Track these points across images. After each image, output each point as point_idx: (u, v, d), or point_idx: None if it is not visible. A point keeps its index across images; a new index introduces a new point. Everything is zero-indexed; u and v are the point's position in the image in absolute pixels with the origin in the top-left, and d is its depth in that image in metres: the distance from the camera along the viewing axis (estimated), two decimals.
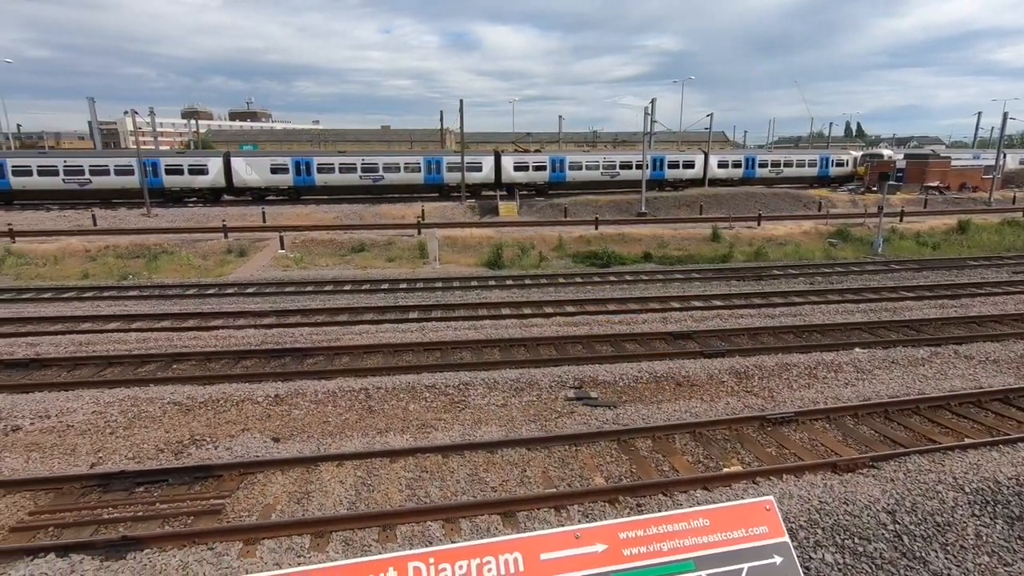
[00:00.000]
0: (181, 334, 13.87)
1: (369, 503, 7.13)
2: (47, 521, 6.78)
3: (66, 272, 22.44)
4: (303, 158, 39.25)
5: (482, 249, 25.84)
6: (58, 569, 5.84)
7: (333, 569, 1.66)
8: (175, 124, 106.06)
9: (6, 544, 6.37)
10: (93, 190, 36.61)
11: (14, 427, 9.11)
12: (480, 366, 11.52)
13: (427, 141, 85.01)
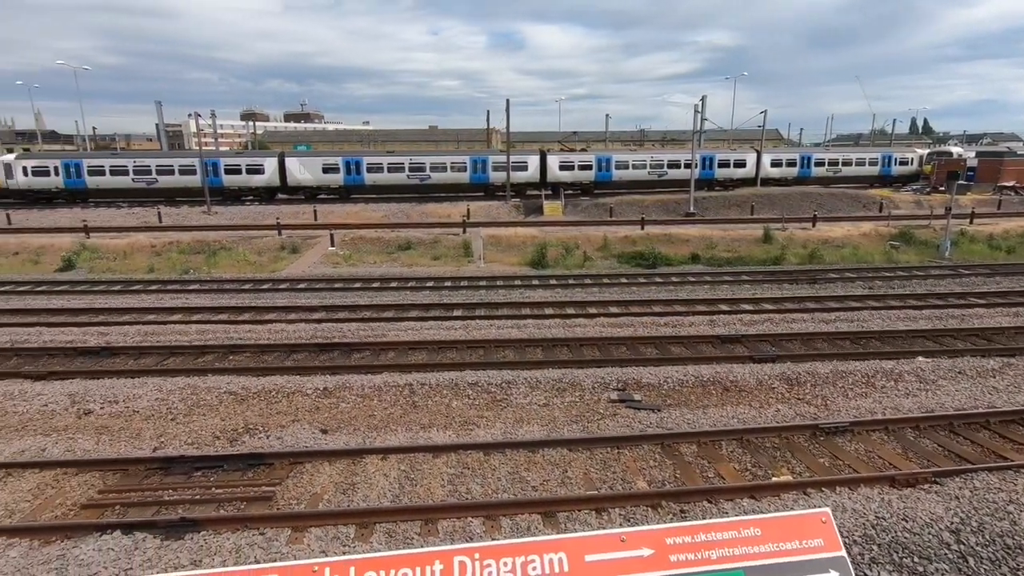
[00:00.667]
0: (237, 327, 14.47)
1: (412, 497, 7.25)
2: (114, 500, 7.20)
3: (134, 266, 23.78)
4: (353, 158, 40.25)
5: (526, 248, 25.86)
6: (123, 546, 6.20)
7: (381, 559, 1.69)
8: (234, 126, 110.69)
9: (78, 520, 6.81)
10: (159, 189, 38.65)
11: (86, 411, 9.72)
12: (523, 365, 11.54)
13: (473, 141, 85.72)
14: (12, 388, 10.41)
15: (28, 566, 5.90)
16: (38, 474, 7.68)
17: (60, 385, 10.59)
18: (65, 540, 6.37)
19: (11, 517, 6.87)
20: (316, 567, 1.68)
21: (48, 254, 25.17)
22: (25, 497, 7.26)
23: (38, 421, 9.40)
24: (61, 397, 10.04)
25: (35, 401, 9.95)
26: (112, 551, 6.11)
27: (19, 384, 10.67)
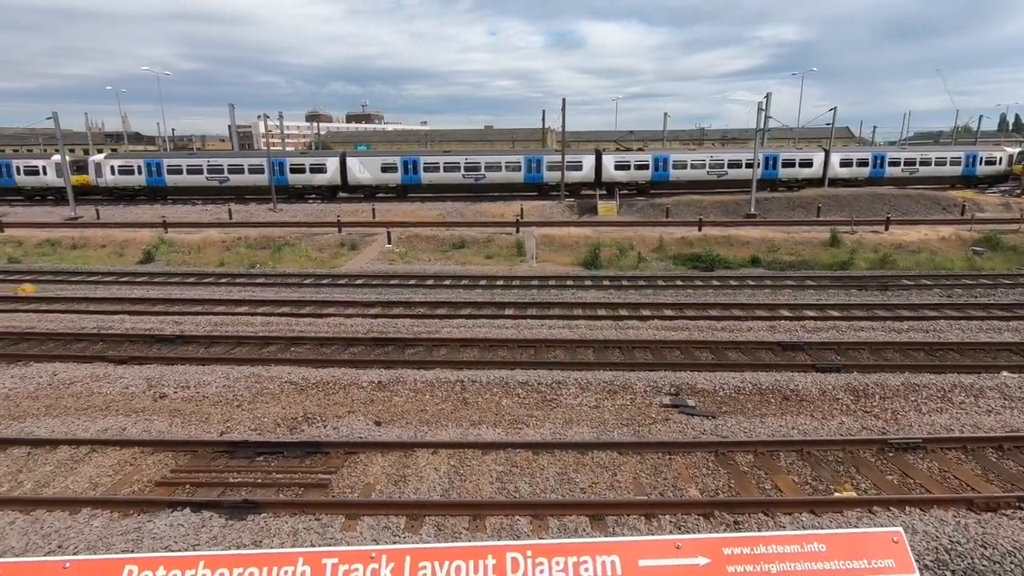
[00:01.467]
0: (299, 320, 15.08)
1: (461, 492, 7.34)
2: (184, 479, 7.66)
3: (206, 260, 25.20)
4: (411, 157, 41.12)
5: (579, 248, 25.67)
6: (192, 523, 6.58)
7: (435, 550, 1.72)
8: (299, 127, 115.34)
9: (152, 496, 7.28)
10: (230, 187, 40.75)
11: (161, 394, 10.38)
12: (573, 366, 11.46)
13: (528, 140, 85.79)
14: (98, 371, 11.24)
15: (108, 536, 6.36)
16: (119, 451, 8.26)
17: (139, 369, 11.35)
18: (141, 514, 6.83)
19: (95, 490, 7.43)
20: (374, 554, 1.72)
21: (131, 247, 27.05)
22: (107, 472, 7.82)
23: (119, 402, 10.11)
24: (140, 381, 10.76)
25: (117, 383, 10.71)
26: (182, 527, 6.50)
27: (104, 367, 11.51)
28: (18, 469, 7.89)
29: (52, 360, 11.94)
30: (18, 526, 6.61)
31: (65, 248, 27.46)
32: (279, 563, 1.75)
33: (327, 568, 1.72)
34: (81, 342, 13.12)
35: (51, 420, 9.30)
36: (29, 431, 8.81)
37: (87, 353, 12.41)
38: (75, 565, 1.77)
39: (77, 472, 7.81)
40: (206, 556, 1.73)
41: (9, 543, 6.27)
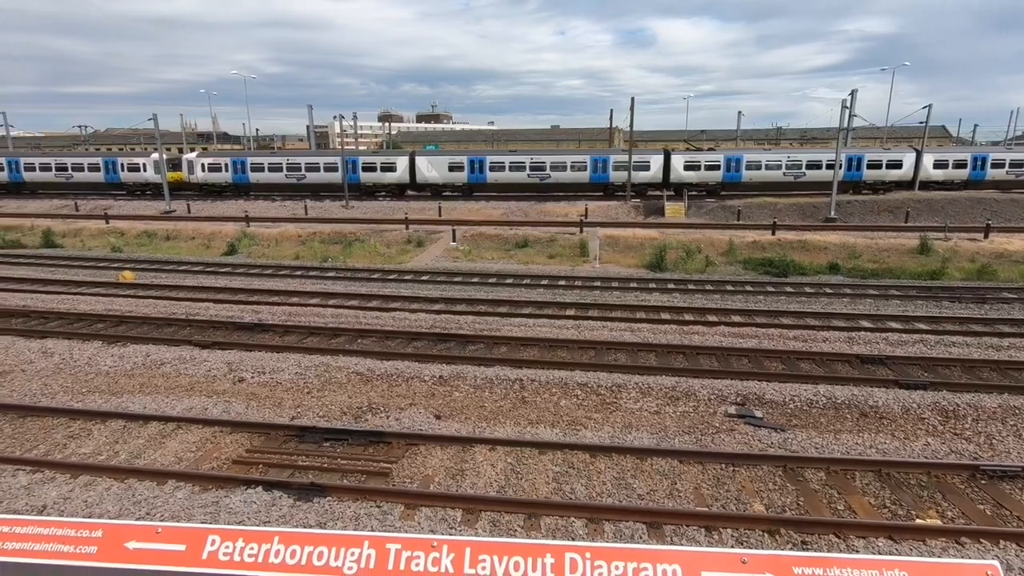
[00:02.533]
0: (366, 313, 15.64)
1: (517, 490, 7.38)
2: (258, 459, 8.12)
3: (283, 253, 26.59)
4: (477, 157, 41.67)
5: (644, 250, 25.17)
6: (264, 501, 6.97)
7: (495, 544, 1.74)
8: (372, 127, 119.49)
9: (229, 473, 7.76)
10: (307, 184, 42.78)
11: (240, 378, 11.05)
12: (634, 369, 11.26)
13: (595, 140, 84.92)
14: (184, 354, 12.12)
15: (190, 507, 6.85)
16: (201, 429, 8.87)
17: (221, 354, 12.14)
18: (219, 489, 7.31)
19: (179, 464, 8.01)
20: (435, 543, 1.76)
21: (217, 240, 28.96)
22: (190, 448, 8.42)
23: (203, 384, 10.85)
24: (221, 365, 11.51)
25: (201, 366, 11.50)
26: (255, 504, 6.91)
27: (190, 351, 12.39)
28: (115, 440, 8.63)
29: (146, 342, 12.97)
30: (113, 492, 7.24)
31: (160, 239, 29.76)
32: (346, 544, 1.83)
33: (391, 553, 1.78)
34: (171, 326, 14.18)
35: (144, 397, 10.11)
36: (125, 406, 9.62)
37: (176, 337, 13.39)
38: (166, 530, 1.92)
39: (165, 446, 8.45)
40: (280, 532, 1.83)
41: (105, 507, 6.87)
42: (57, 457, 8.11)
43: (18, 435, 8.82)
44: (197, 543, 1.85)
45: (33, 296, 17.37)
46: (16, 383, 10.80)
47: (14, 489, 7.27)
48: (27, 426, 9.07)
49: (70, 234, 30.74)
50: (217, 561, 1.79)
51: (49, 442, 8.60)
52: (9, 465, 7.82)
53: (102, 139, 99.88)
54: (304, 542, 1.78)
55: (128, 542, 1.86)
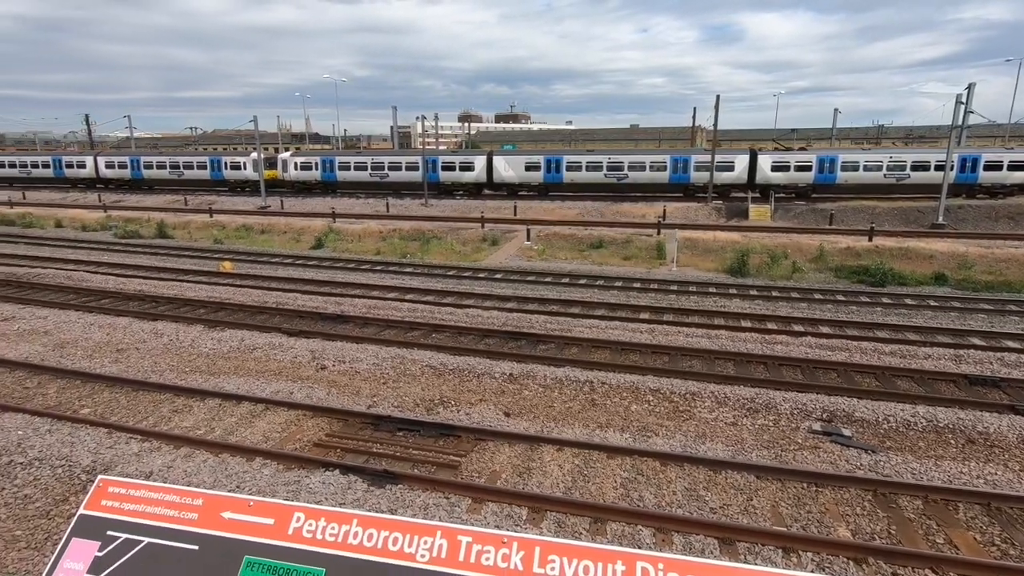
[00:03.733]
0: (440, 308, 16.05)
1: (583, 492, 7.31)
2: (336, 444, 8.54)
3: (365, 248, 27.80)
4: (554, 156, 41.62)
5: (725, 254, 24.16)
6: (340, 484, 7.33)
7: (565, 546, 1.73)
8: (452, 127, 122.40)
9: (310, 455, 8.22)
10: (389, 182, 44.48)
11: (322, 366, 11.67)
12: (710, 378, 10.84)
13: (676, 139, 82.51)
14: (274, 340, 12.95)
15: (274, 484, 7.31)
16: (286, 412, 9.45)
17: (306, 342, 12.87)
18: (300, 469, 7.75)
19: (266, 443, 8.57)
20: (505, 539, 1.78)
21: (305, 234, 30.72)
22: (276, 429, 8.99)
23: (289, 369, 11.55)
24: (305, 352, 12.20)
25: (288, 353, 12.25)
26: (332, 486, 7.27)
27: (279, 338, 13.22)
28: (212, 417, 9.37)
29: (241, 328, 13.97)
30: (209, 464, 7.86)
31: (256, 233, 31.97)
32: (420, 532, 1.88)
33: (462, 545, 1.81)
34: (263, 314, 15.20)
35: (238, 379, 10.90)
36: (221, 386, 10.41)
37: (267, 324, 14.34)
38: (257, 504, 2.07)
39: (254, 426, 9.08)
40: (359, 515, 1.92)
41: (202, 477, 7.48)
42: (163, 429, 8.91)
43: (132, 406, 9.79)
44: (284, 518, 1.98)
45: (147, 282, 19.18)
46: (132, 359, 11.98)
47: (127, 455, 8.06)
48: (139, 399, 10.04)
49: (179, 226, 33.67)
50: (301, 537, 1.90)
51: (156, 415, 9.47)
52: (124, 433, 8.68)
53: (209, 139, 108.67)
54: (380, 527, 1.86)
55: (224, 512, 2.02)
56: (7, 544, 6.60)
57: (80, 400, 10.04)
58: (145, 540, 2.05)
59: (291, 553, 1.93)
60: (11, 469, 7.76)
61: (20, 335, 13.62)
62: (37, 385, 10.66)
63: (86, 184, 52.84)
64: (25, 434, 8.53)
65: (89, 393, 10.30)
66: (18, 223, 36.49)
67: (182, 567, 2.00)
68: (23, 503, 7.21)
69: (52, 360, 11.71)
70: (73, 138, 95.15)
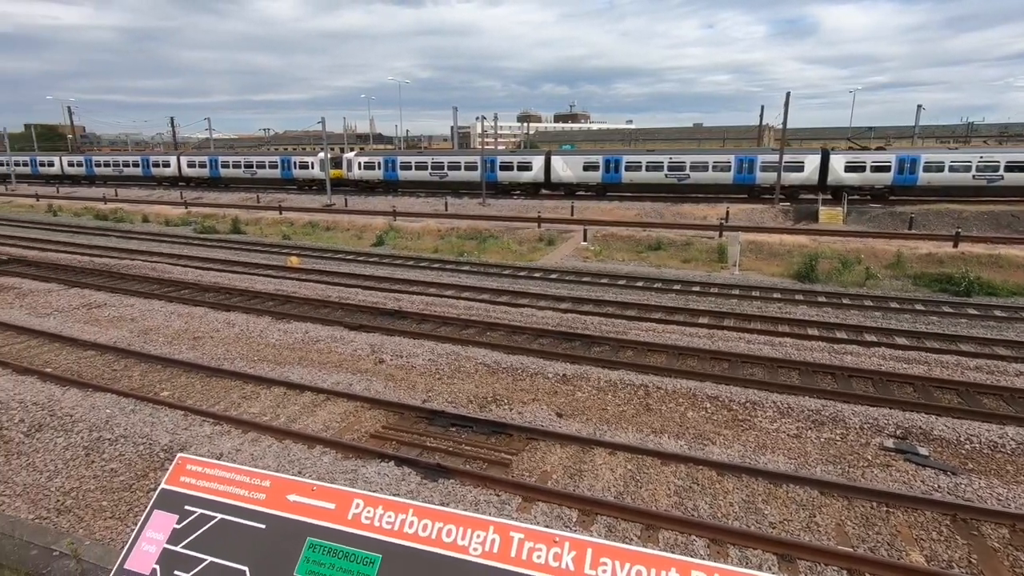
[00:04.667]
0: (495, 307, 16.18)
1: (635, 498, 7.20)
2: (392, 436, 8.78)
3: (423, 246, 28.39)
4: (613, 156, 41.09)
5: (791, 258, 23.12)
6: (394, 475, 7.53)
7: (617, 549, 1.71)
8: (511, 127, 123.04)
9: (367, 445, 8.49)
10: (448, 182, 45.26)
11: (380, 360, 12.01)
12: (773, 387, 10.41)
13: (741, 139, 79.72)
14: (336, 334, 13.44)
15: (333, 472, 7.60)
16: (346, 403, 9.79)
17: (366, 336, 13.29)
18: (357, 459, 8.02)
19: (326, 431, 8.92)
20: (557, 538, 1.78)
21: (367, 232, 31.71)
22: (336, 418, 9.34)
23: (349, 362, 11.97)
24: (365, 346, 12.60)
25: (349, 346, 12.69)
26: (387, 476, 7.48)
27: (340, 331, 13.72)
28: (276, 405, 9.84)
29: (305, 320, 14.59)
30: (273, 450, 8.26)
31: (321, 230, 33.27)
32: (473, 526, 1.91)
33: (514, 541, 1.83)
34: (327, 308, 15.81)
35: (301, 369, 11.39)
36: (286, 375, 10.92)
37: (330, 318, 14.90)
38: (320, 489, 2.16)
39: (315, 415, 9.46)
40: (414, 505, 1.98)
41: (267, 462, 7.87)
42: (233, 414, 9.44)
43: (206, 391, 10.42)
44: (344, 504, 2.07)
45: (222, 275, 20.35)
46: (206, 347, 12.75)
47: (200, 437, 8.59)
48: (212, 384, 10.67)
49: (252, 223, 35.51)
50: (359, 523, 1.97)
51: (227, 400, 10.03)
52: (199, 416, 9.26)
53: (280, 140, 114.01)
54: (435, 518, 1.90)
55: (289, 494, 2.13)
56: (95, 513, 7.18)
57: (160, 383, 10.78)
58: (218, 516, 2.19)
59: (350, 538, 2.01)
60: (100, 444, 8.43)
61: (110, 321, 14.77)
62: (124, 368, 11.53)
63: (170, 182, 56.64)
64: (112, 413, 9.24)
65: (168, 377, 11.05)
66: (111, 218, 39.54)
67: (251, 544, 2.12)
68: (109, 476, 7.82)
69: (137, 345, 12.63)
70: (160, 139, 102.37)
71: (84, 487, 7.63)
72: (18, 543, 6.06)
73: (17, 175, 62.51)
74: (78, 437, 8.63)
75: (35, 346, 12.72)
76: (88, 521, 7.04)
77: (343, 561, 1.99)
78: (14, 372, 11.05)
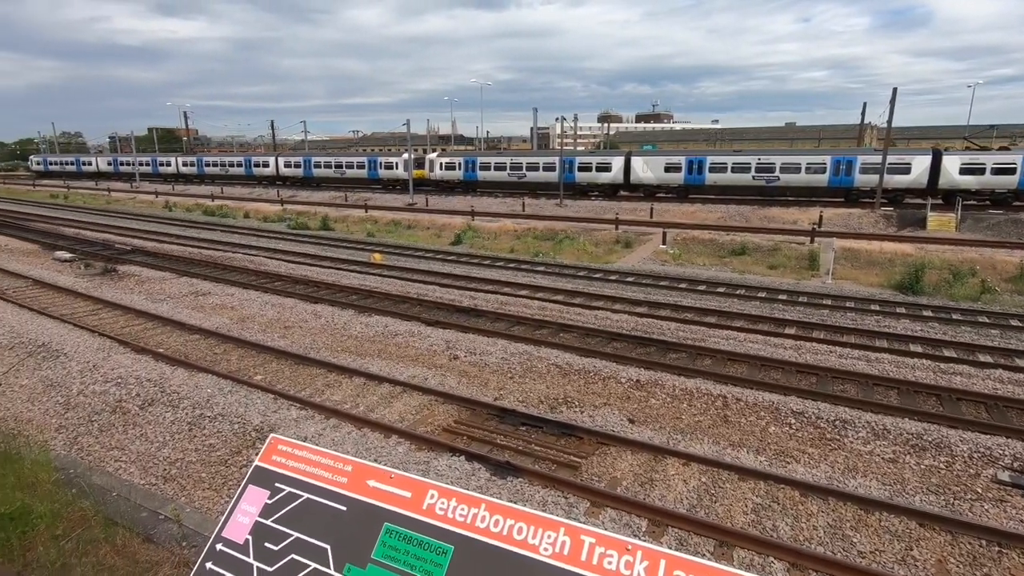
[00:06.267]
0: (569, 308, 16.10)
1: (709, 512, 6.93)
2: (463, 431, 8.96)
3: (499, 246, 28.74)
4: (696, 157, 39.71)
5: (893, 267, 21.36)
6: (465, 470, 7.68)
7: (694, 563, 1.66)
8: (591, 127, 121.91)
9: (439, 439, 8.71)
10: (527, 182, 45.57)
11: (454, 356, 12.29)
12: (867, 405, 9.66)
13: (838, 139, 74.57)
14: (414, 329, 13.90)
15: (406, 462, 7.87)
16: (420, 396, 10.10)
17: (441, 332, 13.64)
18: (430, 451, 8.25)
19: (402, 423, 9.24)
20: (630, 546, 1.75)
21: (446, 231, 32.53)
22: (411, 411, 9.66)
23: (425, 357, 12.33)
24: (440, 342, 12.93)
25: (425, 341, 13.08)
26: (457, 471, 7.64)
27: (418, 326, 14.16)
28: (357, 394, 10.31)
29: (386, 315, 15.19)
30: (352, 437, 8.67)
31: (403, 228, 34.51)
32: (544, 526, 1.92)
33: (585, 545, 1.82)
34: (405, 303, 16.38)
35: (380, 361, 11.87)
36: (367, 367, 11.42)
37: (408, 313, 15.43)
38: (397, 477, 2.25)
39: (392, 406, 9.83)
40: (487, 500, 2.01)
41: (346, 448, 8.27)
42: (317, 400, 9.99)
43: (294, 377, 11.10)
44: (420, 493, 2.14)
45: (311, 269, 21.60)
46: (295, 336, 13.59)
47: (288, 420, 9.17)
48: (300, 371, 11.35)
49: (339, 220, 37.42)
50: (433, 513, 2.04)
51: (312, 387, 10.64)
52: (286, 401, 9.89)
53: (367, 142, 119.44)
54: (507, 514, 1.93)
55: (369, 480, 2.23)
56: (195, 484, 7.85)
57: (254, 368, 11.61)
58: (304, 495, 2.34)
59: (424, 527, 2.07)
60: (201, 421, 9.20)
61: (213, 308, 16.08)
62: (223, 352, 12.51)
63: (268, 181, 60.82)
64: (212, 392, 10.06)
65: (262, 362, 11.87)
66: (217, 214, 43.03)
67: (333, 524, 2.24)
68: (208, 451, 8.52)
69: (235, 331, 13.67)
70: (261, 141, 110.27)
71: (186, 459, 8.36)
72: (132, 505, 6.74)
73: (140, 174, 69.45)
74: (183, 413, 9.47)
75: (150, 328, 14.08)
76: (189, 490, 7.71)
77: (417, 548, 2.06)
78: (132, 351, 12.29)
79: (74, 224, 34.80)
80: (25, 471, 7.02)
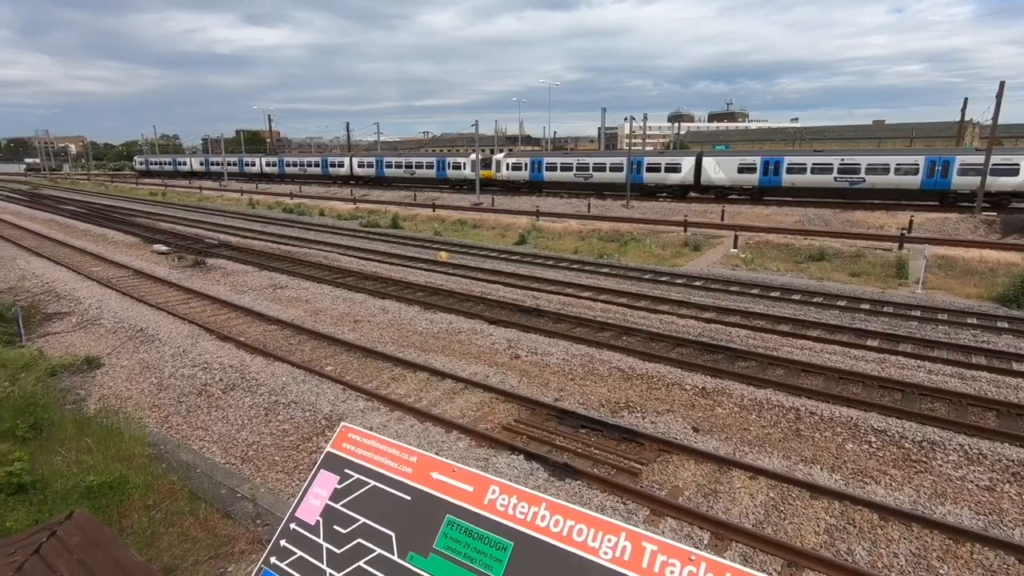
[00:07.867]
0: (633, 311, 15.81)
1: (777, 530, 6.61)
2: (523, 430, 9.00)
3: (563, 247, 28.62)
4: (772, 157, 37.94)
5: (995, 277, 19.55)
6: (523, 469, 7.71)
7: None
8: (661, 127, 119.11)
9: (499, 436, 8.79)
10: (593, 183, 45.13)
11: (516, 355, 12.36)
12: (960, 427, 8.90)
13: (934, 137, 69.16)
14: (476, 327, 14.09)
15: (466, 458, 7.99)
16: (482, 393, 10.23)
17: (503, 331, 13.75)
18: (489, 448, 8.34)
19: (463, 419, 9.40)
20: (693, 556, 1.71)
21: (511, 230, 32.74)
22: (472, 407, 9.80)
23: (487, 355, 12.48)
24: (502, 340, 13.04)
25: (487, 339, 13.23)
26: (515, 469, 7.69)
27: (481, 324, 14.35)
28: (420, 389, 10.58)
29: (450, 312, 15.49)
30: (415, 430, 8.90)
31: (469, 227, 35.05)
32: (605, 529, 1.90)
33: (646, 552, 1.79)
34: (469, 301, 16.63)
35: (444, 357, 12.12)
36: (430, 362, 11.69)
37: (472, 311, 15.66)
38: (460, 471, 2.30)
39: (454, 402, 10.02)
40: (547, 500, 2.02)
41: (408, 440, 8.50)
42: (383, 392, 10.34)
43: (361, 370, 11.53)
44: (482, 488, 2.17)
45: (381, 265, 22.36)
46: (364, 330, 14.11)
47: (355, 410, 9.54)
48: (367, 364, 11.78)
49: (408, 219, 38.50)
50: (494, 508, 2.06)
51: (378, 380, 11.01)
52: (354, 392, 10.29)
53: (437, 142, 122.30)
54: (567, 515, 1.92)
55: (432, 472, 2.29)
56: (269, 466, 8.31)
57: (325, 359, 12.15)
58: (371, 483, 2.44)
59: (485, 521, 2.10)
60: (276, 407, 9.73)
61: (290, 301, 16.97)
62: (298, 342, 13.18)
63: (343, 180, 63.48)
64: (287, 381, 10.62)
65: (332, 354, 12.41)
66: (295, 211, 45.37)
67: (397, 512, 2.32)
68: (281, 436, 9.00)
69: (309, 323, 14.36)
70: (337, 142, 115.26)
71: (262, 442, 8.87)
72: (213, 482, 7.23)
73: (228, 174, 74.34)
74: (260, 399, 10.05)
75: (233, 318, 15.04)
76: (264, 471, 8.18)
77: (478, 543, 2.10)
78: (217, 338, 13.18)
79: (169, 219, 37.75)
80: (123, 445, 7.69)
